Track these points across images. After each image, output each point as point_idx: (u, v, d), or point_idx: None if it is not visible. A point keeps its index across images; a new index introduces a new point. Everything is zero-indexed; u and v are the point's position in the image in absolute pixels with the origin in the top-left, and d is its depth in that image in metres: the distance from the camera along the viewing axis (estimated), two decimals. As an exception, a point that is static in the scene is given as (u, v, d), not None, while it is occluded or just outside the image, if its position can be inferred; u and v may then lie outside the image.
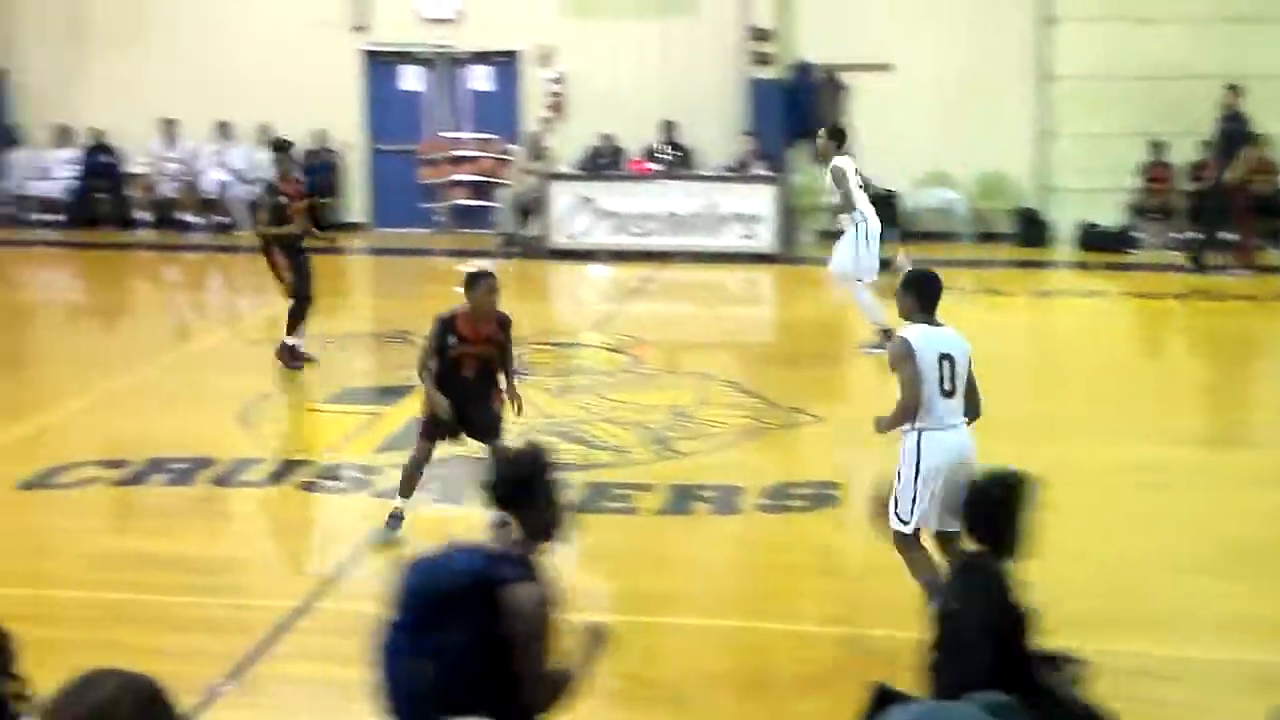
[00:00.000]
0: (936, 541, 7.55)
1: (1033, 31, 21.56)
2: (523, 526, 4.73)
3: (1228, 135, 19.56)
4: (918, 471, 7.42)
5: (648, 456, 11.38)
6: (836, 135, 14.92)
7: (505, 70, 22.68)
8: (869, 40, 21.61)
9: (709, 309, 18.69)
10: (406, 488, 9.56)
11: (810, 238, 21.55)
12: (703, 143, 21.99)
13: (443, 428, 9.49)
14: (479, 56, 22.68)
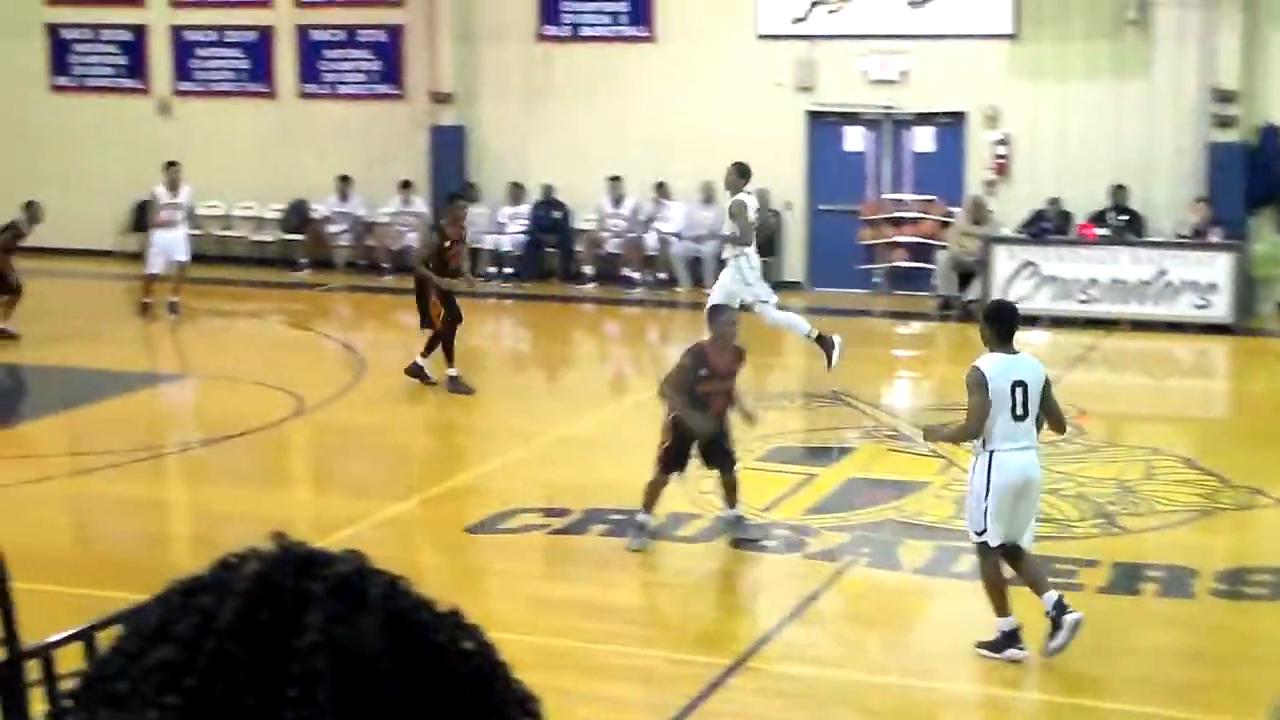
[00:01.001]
0: (1005, 556, 8.24)
1: None
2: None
3: None
4: (988, 490, 8.11)
5: (1091, 531, 10.92)
6: (744, 172, 15.59)
7: (949, 131, 22.38)
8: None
9: (1157, 380, 17.91)
10: (650, 502, 10.23)
11: (1270, 308, 20.42)
12: (1153, 208, 21.14)
13: (682, 458, 9.72)
14: (923, 117, 22.46)
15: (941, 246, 21.79)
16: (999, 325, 8.46)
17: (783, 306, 16.19)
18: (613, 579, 9.92)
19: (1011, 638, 8.25)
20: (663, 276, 22.95)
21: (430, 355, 15.49)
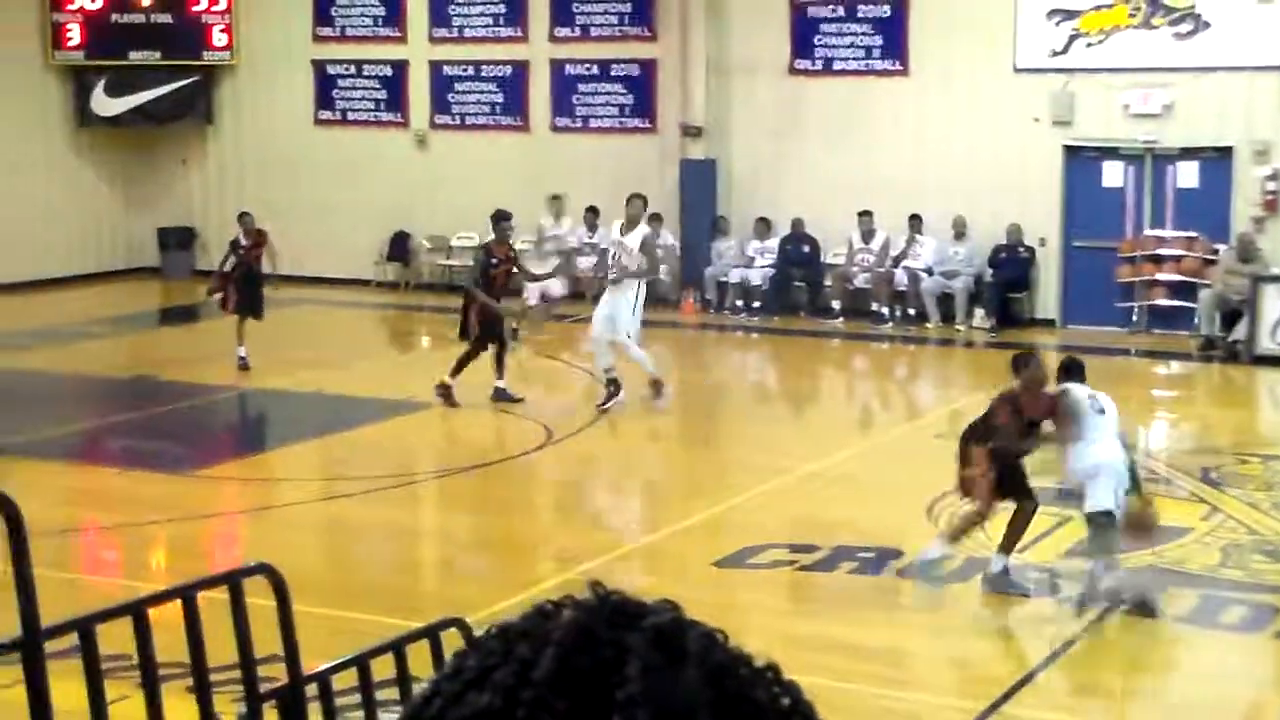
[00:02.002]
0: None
1: None
2: None
3: None
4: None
5: None
6: (647, 203, 16.53)
7: (1215, 166, 21.65)
8: None
9: None
10: (957, 535, 10.39)
11: None
12: None
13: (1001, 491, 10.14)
14: (1187, 152, 21.79)
15: (1205, 285, 21.11)
16: (1071, 375, 10.26)
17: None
18: (863, 617, 9.77)
19: None
20: (912, 312, 22.66)
21: (459, 375, 15.92)
